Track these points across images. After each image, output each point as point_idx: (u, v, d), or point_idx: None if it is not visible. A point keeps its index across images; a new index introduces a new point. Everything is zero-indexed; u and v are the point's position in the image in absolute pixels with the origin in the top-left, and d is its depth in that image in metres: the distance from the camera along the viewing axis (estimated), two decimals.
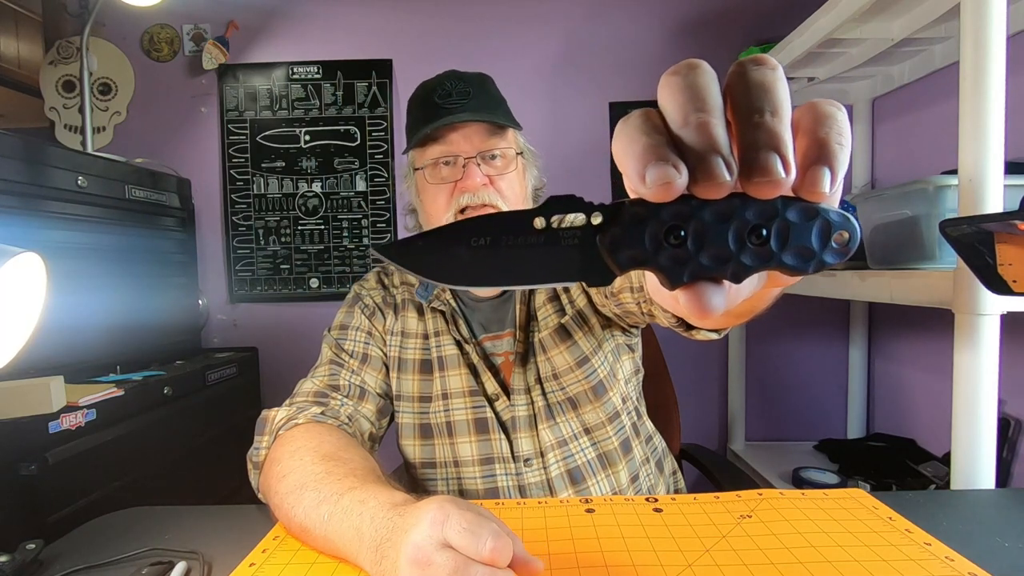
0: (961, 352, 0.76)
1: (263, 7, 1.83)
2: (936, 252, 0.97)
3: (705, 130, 0.22)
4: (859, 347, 1.72)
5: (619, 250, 0.24)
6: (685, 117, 0.23)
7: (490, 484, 0.78)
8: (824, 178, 0.22)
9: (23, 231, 1.14)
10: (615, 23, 1.82)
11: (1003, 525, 0.57)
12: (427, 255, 0.26)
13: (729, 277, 0.23)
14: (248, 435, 0.69)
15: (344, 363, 0.80)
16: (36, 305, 0.57)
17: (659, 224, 0.23)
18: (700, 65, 0.24)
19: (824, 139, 0.23)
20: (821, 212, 0.23)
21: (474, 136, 0.74)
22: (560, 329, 0.79)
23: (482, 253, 0.25)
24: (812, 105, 0.24)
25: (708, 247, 0.23)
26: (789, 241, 0.23)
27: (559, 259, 0.25)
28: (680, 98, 0.23)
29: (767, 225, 0.23)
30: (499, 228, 0.25)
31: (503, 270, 0.25)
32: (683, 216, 0.23)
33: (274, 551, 0.55)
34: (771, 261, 0.23)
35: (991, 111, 0.73)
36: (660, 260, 0.24)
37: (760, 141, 0.22)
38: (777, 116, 0.22)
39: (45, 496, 0.97)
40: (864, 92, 1.65)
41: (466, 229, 0.25)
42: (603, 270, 0.25)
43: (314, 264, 1.85)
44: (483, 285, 0.26)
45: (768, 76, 0.23)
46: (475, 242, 0.25)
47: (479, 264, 0.25)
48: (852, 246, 0.23)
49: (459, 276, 0.26)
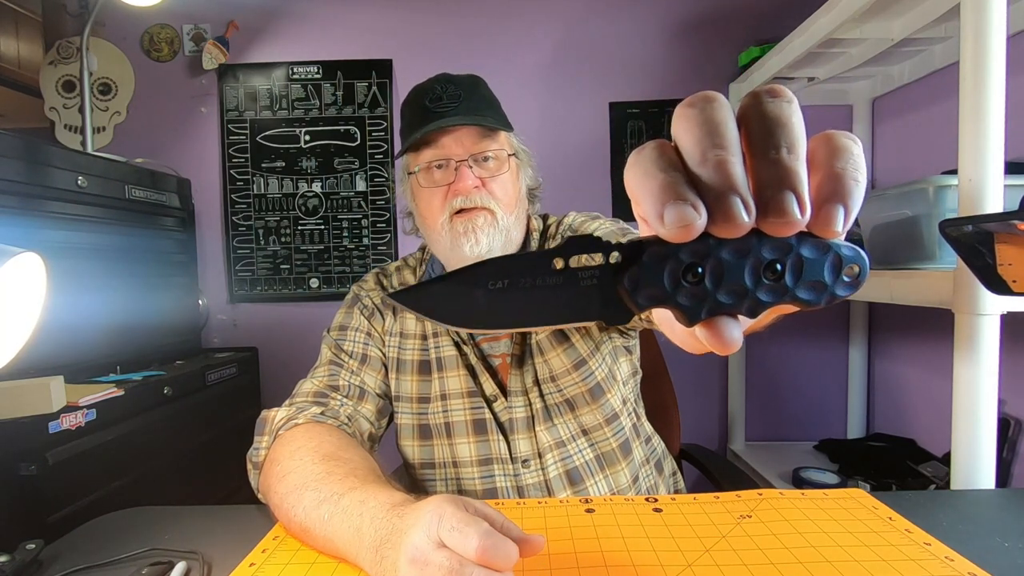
0: (961, 352, 0.76)
1: (263, 7, 1.83)
2: (936, 252, 0.97)
3: (724, 169, 0.22)
4: (859, 347, 1.72)
5: (639, 290, 0.24)
6: (703, 154, 0.22)
7: (488, 485, 0.78)
8: (839, 217, 0.22)
9: (23, 231, 1.14)
10: (615, 23, 1.82)
11: (1003, 525, 0.57)
12: (444, 300, 0.26)
13: (745, 312, 0.24)
14: (248, 435, 0.69)
15: (343, 363, 0.80)
16: (36, 305, 0.57)
17: (678, 263, 0.23)
18: (716, 98, 0.23)
19: (839, 174, 0.22)
20: (833, 247, 0.23)
21: (465, 139, 0.75)
22: (558, 331, 0.79)
23: (500, 296, 0.25)
24: (828, 137, 0.24)
25: (725, 284, 0.23)
26: (803, 276, 0.23)
27: (578, 299, 0.25)
28: (697, 133, 0.23)
29: (782, 260, 0.23)
30: (517, 270, 0.25)
31: (521, 312, 0.25)
32: (701, 255, 0.23)
33: (274, 551, 0.55)
34: (786, 296, 0.23)
35: (991, 111, 0.73)
36: (679, 299, 0.24)
37: (777, 179, 0.22)
38: (793, 153, 0.22)
39: (45, 496, 0.97)
40: (864, 92, 1.65)
41: (484, 272, 0.25)
42: (622, 309, 0.25)
43: (314, 264, 1.85)
44: (501, 328, 0.26)
45: (784, 110, 0.23)
46: (492, 285, 0.25)
47: (497, 307, 0.25)
48: (862, 279, 0.23)
49: (477, 320, 0.26)
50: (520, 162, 0.81)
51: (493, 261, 0.25)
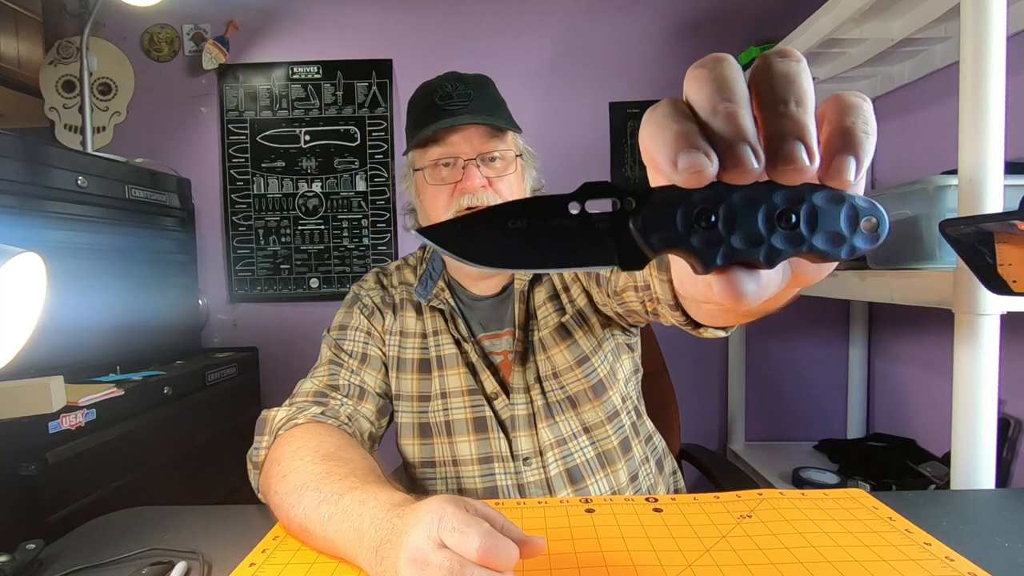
0: (961, 352, 0.76)
1: (263, 7, 1.83)
2: (936, 252, 0.96)
3: (733, 119, 0.22)
4: (859, 347, 1.72)
5: (651, 232, 0.24)
6: (713, 107, 0.23)
7: (489, 483, 0.78)
8: (849, 166, 0.23)
9: (23, 231, 1.14)
10: (615, 23, 1.82)
11: (1003, 525, 0.57)
12: (465, 238, 0.26)
13: (762, 260, 0.24)
14: (248, 435, 0.69)
15: (343, 363, 0.80)
16: (36, 305, 0.57)
17: (690, 207, 0.24)
18: (726, 58, 0.24)
19: (850, 128, 0.23)
20: (847, 198, 0.23)
21: (474, 138, 0.75)
22: (560, 328, 0.79)
23: (518, 236, 0.26)
24: (838, 96, 0.24)
25: (739, 229, 0.23)
26: (819, 226, 0.23)
27: (593, 243, 0.25)
28: (708, 89, 0.23)
29: (795, 210, 0.23)
30: (535, 211, 0.25)
31: (538, 253, 0.26)
32: (713, 200, 0.23)
33: (274, 551, 0.55)
34: (803, 245, 0.23)
35: (991, 111, 0.73)
36: (692, 242, 0.24)
37: (785, 130, 0.22)
38: (802, 106, 0.23)
39: (45, 496, 0.97)
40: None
41: (503, 212, 0.26)
42: (637, 253, 0.25)
43: (314, 264, 1.85)
44: (519, 268, 0.26)
45: (793, 67, 0.24)
46: (512, 224, 0.26)
47: (515, 247, 0.26)
48: (882, 232, 0.23)
49: (496, 258, 0.26)
50: (525, 163, 0.81)
51: (512, 202, 0.26)
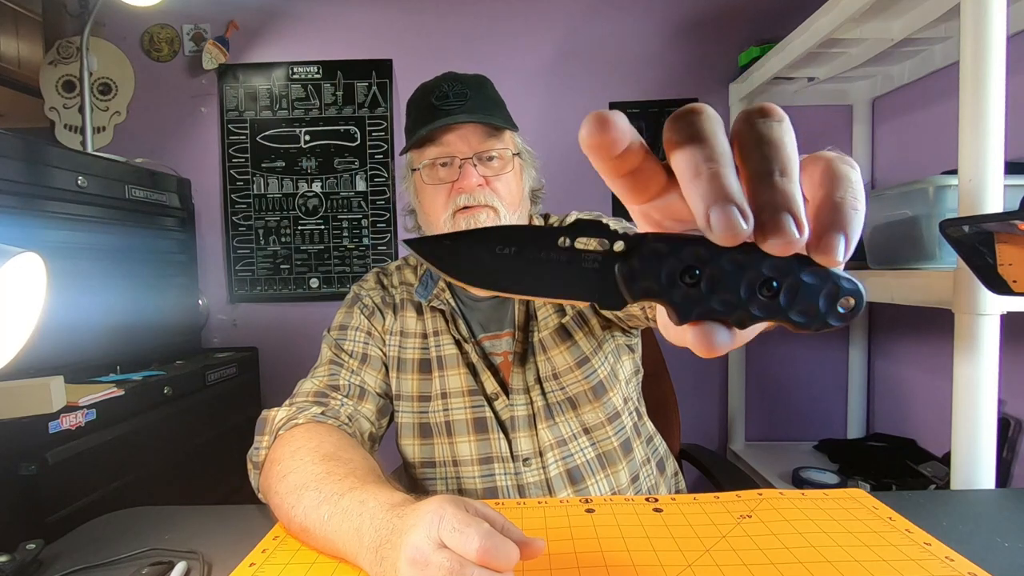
0: (961, 352, 0.76)
1: (263, 7, 1.83)
2: (936, 252, 0.97)
3: (717, 180, 0.22)
4: (859, 347, 1.72)
5: (635, 281, 0.25)
6: (696, 167, 0.23)
7: (489, 483, 0.78)
8: (839, 246, 0.22)
9: (23, 231, 1.14)
10: (615, 23, 1.82)
11: (1003, 525, 0.57)
12: (452, 254, 0.27)
13: (734, 322, 0.24)
14: (248, 435, 0.69)
15: (344, 363, 0.80)
16: (36, 305, 0.57)
17: (677, 263, 0.24)
18: (705, 110, 0.24)
19: (839, 203, 0.23)
20: (833, 277, 0.23)
21: (471, 137, 0.75)
22: (560, 329, 0.79)
23: (505, 260, 0.26)
24: (827, 162, 0.24)
25: (720, 292, 0.24)
26: (798, 300, 0.24)
27: (577, 278, 0.26)
28: (689, 146, 0.23)
29: (780, 280, 0.23)
30: (525, 240, 0.26)
31: (521, 279, 0.26)
32: (701, 259, 0.24)
33: (274, 551, 0.55)
34: (778, 315, 0.24)
35: (991, 111, 0.73)
36: (673, 296, 0.24)
37: (773, 202, 0.22)
38: (787, 176, 0.23)
39: (45, 496, 0.97)
40: (864, 92, 1.65)
41: (493, 236, 0.26)
42: (617, 296, 0.26)
43: (314, 264, 1.85)
44: (500, 291, 0.27)
45: (775, 131, 0.23)
46: (500, 250, 0.26)
47: (500, 270, 0.26)
48: (857, 311, 0.24)
49: (479, 279, 0.27)
50: (524, 162, 0.81)
51: (504, 228, 0.27)
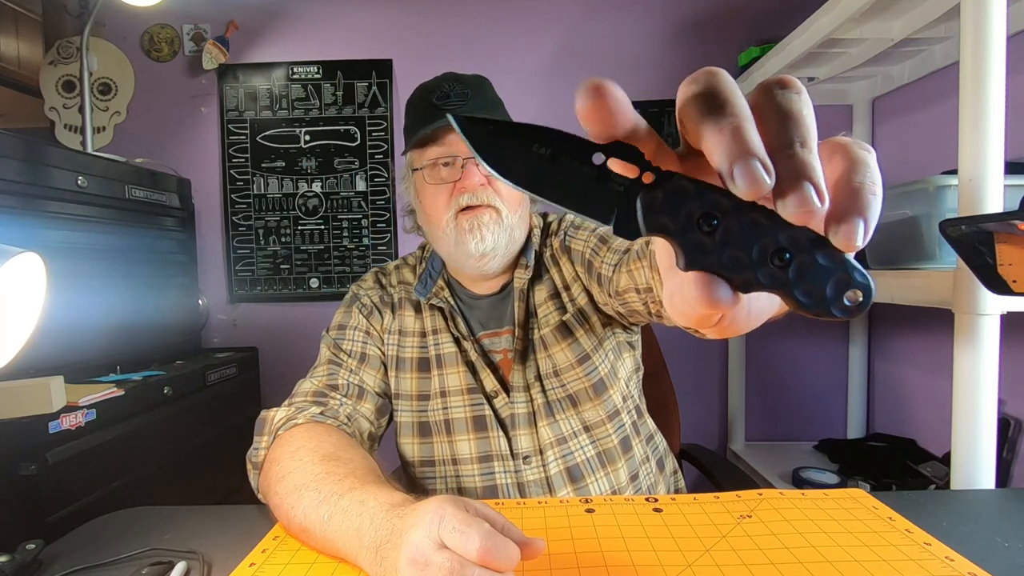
0: (961, 352, 0.76)
1: (263, 7, 1.83)
2: (936, 252, 0.97)
3: (740, 134, 0.22)
4: (859, 347, 1.72)
5: (654, 214, 0.24)
6: (717, 121, 0.23)
7: (488, 482, 0.78)
8: (859, 231, 0.22)
9: (23, 231, 1.14)
10: (615, 23, 1.82)
11: (1003, 525, 0.57)
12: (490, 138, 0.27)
13: (739, 285, 0.24)
14: (248, 435, 0.69)
15: (342, 363, 0.80)
16: (36, 305, 0.57)
17: (698, 206, 0.24)
18: (721, 72, 0.24)
19: (859, 188, 0.23)
20: (847, 266, 0.23)
21: None
22: (561, 326, 0.79)
23: (537, 160, 0.26)
24: (845, 145, 0.24)
25: (733, 247, 0.23)
26: (806, 278, 0.23)
27: (601, 197, 0.26)
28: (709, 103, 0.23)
29: (793, 252, 0.23)
30: (561, 146, 0.26)
31: (548, 183, 0.26)
32: (722, 209, 0.23)
33: (274, 551, 0.55)
34: (783, 288, 0.23)
35: (991, 111, 0.73)
36: (687, 239, 0.24)
37: (794, 171, 0.22)
38: (807, 147, 0.23)
39: (45, 496, 0.97)
40: (864, 92, 1.65)
41: (534, 133, 0.26)
42: (633, 224, 0.25)
43: (314, 264, 1.85)
44: (523, 187, 0.26)
45: (795, 102, 0.23)
46: (536, 148, 0.26)
47: (529, 167, 0.26)
48: (863, 307, 0.23)
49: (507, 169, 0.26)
50: None
51: (545, 129, 0.26)
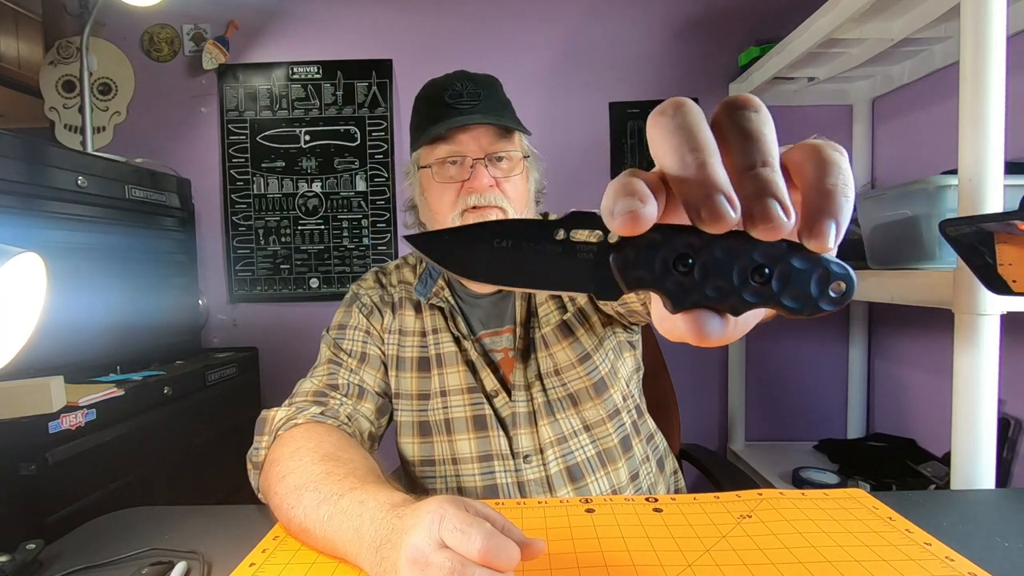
0: (961, 352, 0.76)
1: (263, 7, 1.83)
2: (936, 252, 0.96)
3: (704, 170, 0.23)
4: (859, 347, 1.72)
5: (629, 270, 0.25)
6: (682, 158, 0.23)
7: (489, 481, 0.78)
8: (831, 232, 0.23)
9: (23, 231, 1.14)
10: (615, 23, 1.82)
11: (1003, 525, 0.57)
12: (452, 249, 0.28)
13: (728, 309, 0.25)
14: (248, 435, 0.69)
15: (343, 362, 0.80)
16: (36, 305, 0.57)
17: (670, 251, 0.25)
18: (687, 103, 0.24)
19: (830, 190, 0.23)
20: (824, 262, 0.24)
21: (483, 138, 0.75)
22: (562, 326, 0.79)
23: (502, 254, 0.27)
24: (817, 150, 0.24)
25: (713, 279, 0.24)
26: (789, 285, 0.24)
27: (573, 270, 0.26)
28: (674, 139, 0.24)
29: (771, 266, 0.24)
30: (521, 234, 0.27)
31: (519, 272, 0.27)
32: (694, 247, 0.24)
33: (274, 551, 0.55)
34: (770, 301, 0.24)
35: (991, 111, 0.73)
36: (667, 285, 0.25)
37: (758, 190, 0.23)
38: (768, 166, 0.23)
39: (45, 496, 0.97)
40: (864, 92, 1.65)
41: (490, 230, 0.27)
42: (612, 286, 0.26)
43: (314, 264, 1.85)
44: (498, 284, 0.27)
45: (753, 122, 0.24)
46: (497, 243, 0.27)
47: (498, 263, 0.27)
48: (847, 296, 0.24)
49: (478, 272, 0.27)
50: (530, 165, 0.81)
51: (501, 222, 0.27)
